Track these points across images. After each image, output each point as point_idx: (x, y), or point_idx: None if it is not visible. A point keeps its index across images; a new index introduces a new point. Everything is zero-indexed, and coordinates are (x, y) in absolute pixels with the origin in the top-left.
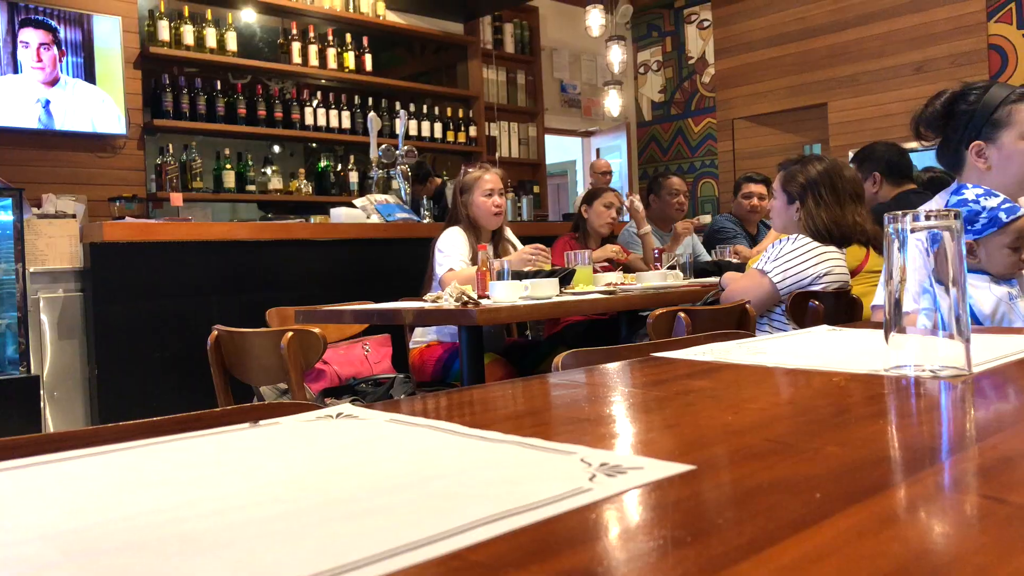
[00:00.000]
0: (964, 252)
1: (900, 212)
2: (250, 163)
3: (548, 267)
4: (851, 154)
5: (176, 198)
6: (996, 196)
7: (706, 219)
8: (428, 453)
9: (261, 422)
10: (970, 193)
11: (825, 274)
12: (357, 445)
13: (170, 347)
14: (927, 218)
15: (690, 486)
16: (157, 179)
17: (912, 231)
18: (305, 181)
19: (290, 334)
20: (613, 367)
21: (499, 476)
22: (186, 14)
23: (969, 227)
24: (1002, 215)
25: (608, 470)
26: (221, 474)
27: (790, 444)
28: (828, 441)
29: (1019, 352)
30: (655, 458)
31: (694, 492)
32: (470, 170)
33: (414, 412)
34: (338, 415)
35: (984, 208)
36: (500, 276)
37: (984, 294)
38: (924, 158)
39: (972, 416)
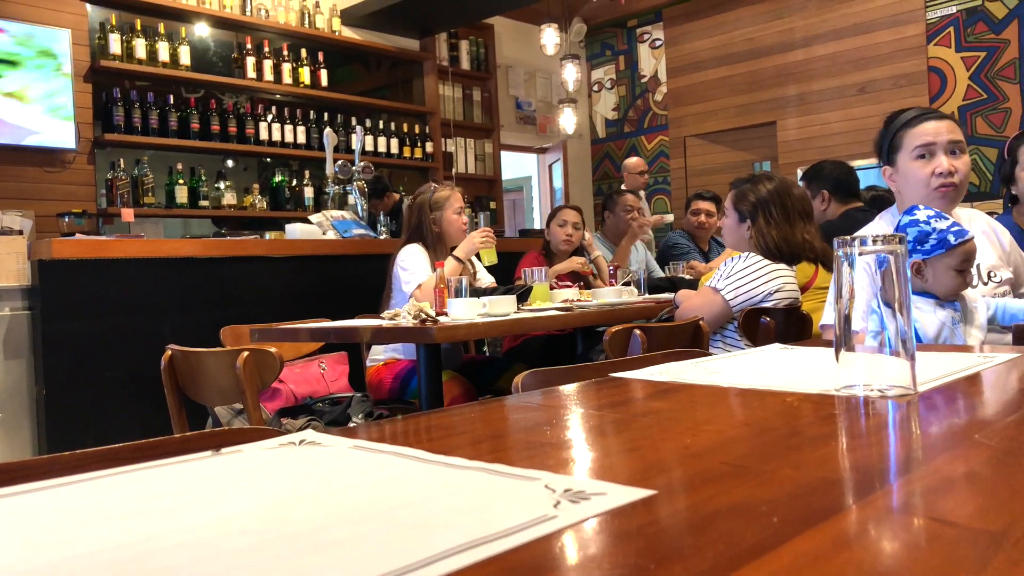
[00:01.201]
0: (910, 273)
1: (850, 237)
2: (203, 178)
3: (494, 252)
4: (800, 172)
5: (127, 214)
6: (946, 219)
7: (669, 218)
8: (393, 481)
9: (223, 450)
10: (921, 214)
11: (776, 291)
12: (322, 473)
13: (121, 366)
14: (874, 242)
15: (652, 512)
16: (108, 194)
17: (860, 255)
18: (259, 196)
19: (246, 354)
20: (573, 388)
21: (466, 504)
22: (138, 27)
23: (919, 247)
24: (951, 237)
25: (572, 496)
26: (185, 505)
27: (747, 467)
28: (783, 464)
29: (960, 371)
30: (617, 483)
31: (656, 518)
32: (437, 187)
33: (377, 438)
34: (300, 442)
35: (934, 230)
36: (458, 293)
37: (928, 317)
38: (868, 176)
39: (918, 436)
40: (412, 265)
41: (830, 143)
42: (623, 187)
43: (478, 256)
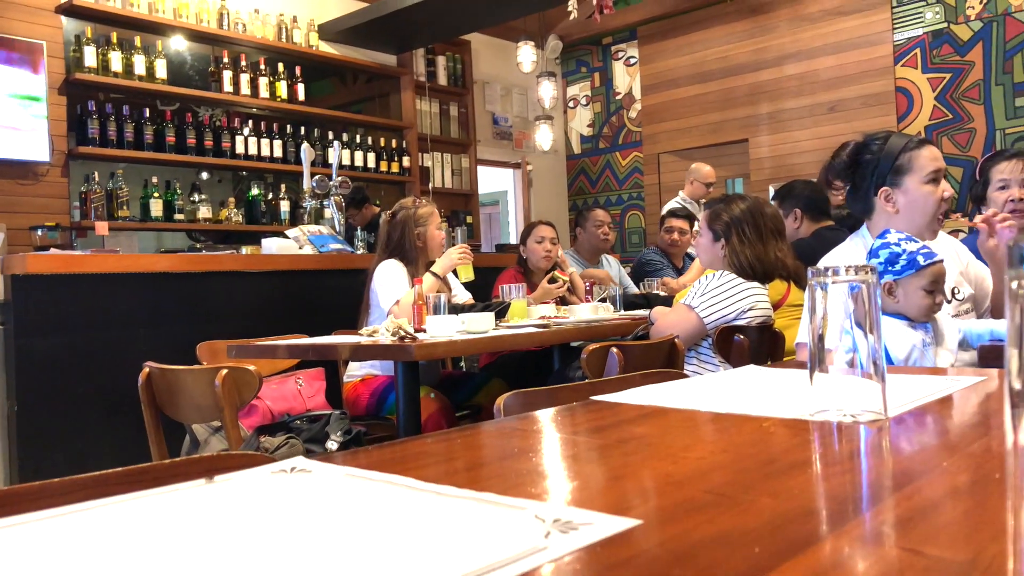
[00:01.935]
0: (882, 294)
1: (823, 267)
2: (178, 192)
3: (471, 269)
4: (772, 189)
5: (101, 227)
6: (916, 241)
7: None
8: (387, 512)
9: (216, 478)
10: (892, 237)
11: (749, 309)
12: (316, 504)
13: (96, 382)
14: (847, 272)
15: (638, 542)
16: (82, 207)
17: (833, 283)
18: (235, 210)
19: (224, 372)
20: (555, 412)
21: (460, 535)
22: (114, 40)
23: (890, 268)
24: (920, 259)
25: (561, 526)
26: (183, 540)
27: (727, 495)
28: (762, 492)
29: (929, 395)
30: (604, 512)
31: (642, 549)
32: (420, 203)
33: (368, 464)
34: (292, 469)
35: (905, 251)
36: (436, 310)
37: (899, 339)
38: None
39: (889, 464)
40: (390, 281)
41: (801, 160)
42: (683, 193)
43: (455, 272)
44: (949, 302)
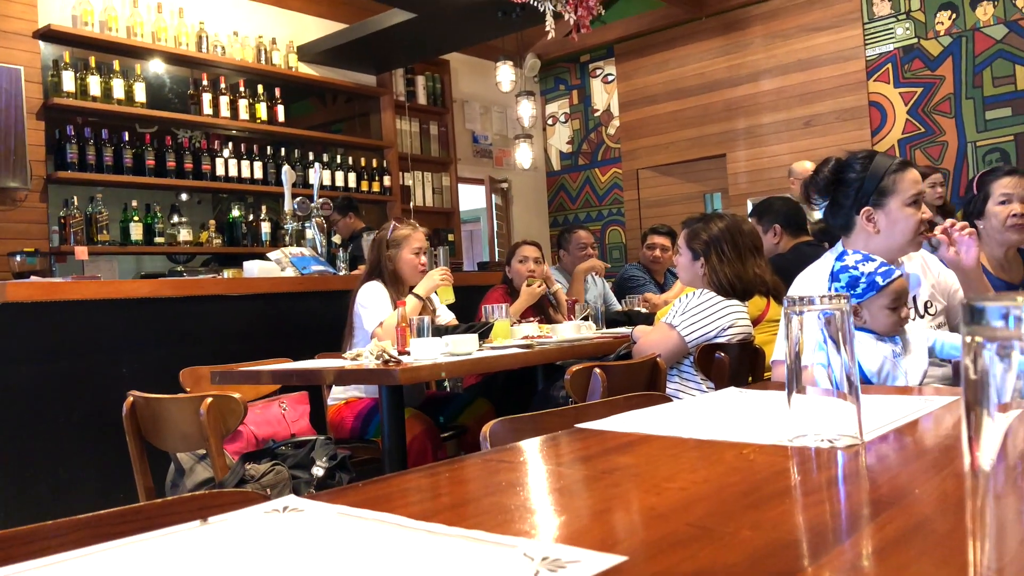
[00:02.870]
0: (851, 321)
1: (798, 297)
2: (158, 215)
3: (451, 291)
4: (750, 203)
5: (81, 252)
6: (873, 261)
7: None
8: (379, 552)
9: (210, 519)
10: (850, 259)
11: (729, 327)
12: (309, 545)
13: (79, 410)
14: (821, 302)
15: None
16: (61, 232)
17: (807, 312)
18: (215, 232)
19: (209, 400)
20: (541, 443)
21: (452, 575)
22: (92, 65)
23: (852, 291)
24: (879, 279)
25: (549, 564)
26: None
27: (709, 529)
28: (743, 524)
29: (903, 417)
30: (590, 548)
31: None
32: (398, 225)
33: (357, 502)
34: (285, 509)
35: (863, 273)
36: (420, 332)
37: (870, 352)
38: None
39: (865, 490)
40: (372, 303)
41: (779, 174)
42: (789, 195)
43: (435, 294)
44: (923, 316)
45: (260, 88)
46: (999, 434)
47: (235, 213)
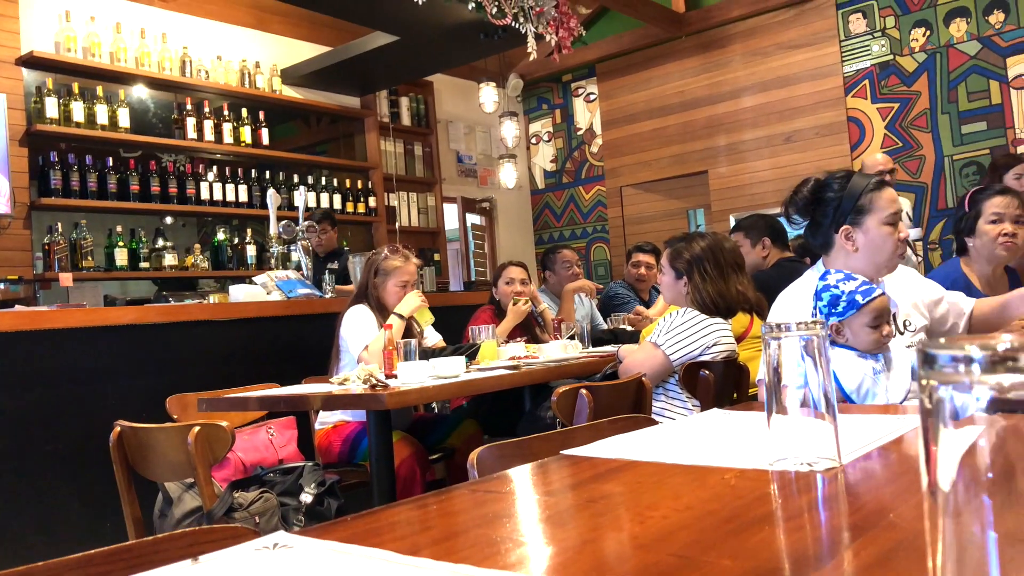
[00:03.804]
0: (831, 334)
1: (777, 323)
2: (143, 239)
3: (428, 312)
4: (732, 219)
5: (65, 278)
6: (854, 280)
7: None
8: None
9: (201, 558)
10: (832, 278)
11: (714, 344)
12: None
13: (64, 440)
14: (798, 328)
15: None
16: (45, 259)
17: (786, 338)
18: (201, 256)
19: (197, 429)
20: (528, 471)
21: None
22: (76, 91)
23: (833, 310)
24: (859, 298)
25: None
26: None
27: (690, 559)
28: (723, 553)
29: (883, 437)
30: None
31: None
32: (390, 255)
33: (346, 537)
34: (275, 546)
35: (844, 292)
36: (407, 355)
37: (849, 370)
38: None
39: (843, 515)
40: (358, 327)
41: (761, 190)
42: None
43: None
44: (902, 334)
45: (244, 111)
46: (956, 455)
47: (220, 236)
